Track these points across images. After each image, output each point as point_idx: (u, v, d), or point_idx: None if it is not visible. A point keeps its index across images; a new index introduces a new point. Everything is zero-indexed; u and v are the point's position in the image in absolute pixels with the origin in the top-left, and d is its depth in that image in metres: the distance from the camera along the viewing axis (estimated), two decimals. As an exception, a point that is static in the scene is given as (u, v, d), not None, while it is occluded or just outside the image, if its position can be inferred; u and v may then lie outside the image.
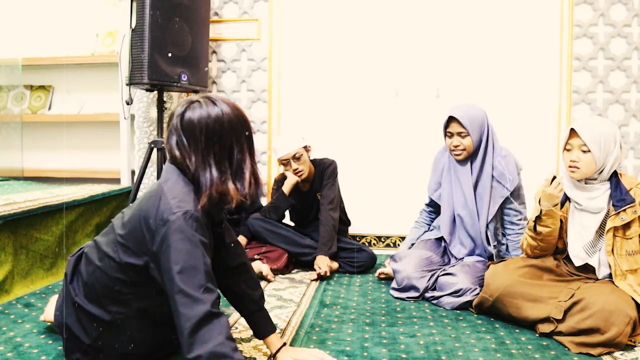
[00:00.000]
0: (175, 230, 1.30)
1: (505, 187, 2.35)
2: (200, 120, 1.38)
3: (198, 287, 1.27)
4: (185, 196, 1.36)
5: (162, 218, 1.32)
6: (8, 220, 2.20)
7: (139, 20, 2.68)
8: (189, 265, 1.28)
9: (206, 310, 1.24)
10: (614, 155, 1.88)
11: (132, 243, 1.40)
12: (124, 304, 1.44)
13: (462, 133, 2.35)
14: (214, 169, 1.38)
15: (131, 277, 1.41)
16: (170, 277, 1.28)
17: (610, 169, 1.90)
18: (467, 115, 2.34)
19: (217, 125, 1.38)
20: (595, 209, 1.92)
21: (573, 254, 1.96)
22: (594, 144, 1.86)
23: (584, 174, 1.90)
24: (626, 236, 1.86)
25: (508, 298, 1.95)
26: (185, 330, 1.23)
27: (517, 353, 1.71)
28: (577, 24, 3.12)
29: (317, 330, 1.90)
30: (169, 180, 1.41)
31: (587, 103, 3.14)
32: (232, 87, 3.45)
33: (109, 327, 1.46)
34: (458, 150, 2.39)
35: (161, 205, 1.34)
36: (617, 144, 1.88)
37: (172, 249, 1.29)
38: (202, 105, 1.40)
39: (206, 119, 1.38)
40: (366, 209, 3.31)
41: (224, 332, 1.25)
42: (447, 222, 2.47)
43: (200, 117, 1.38)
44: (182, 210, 1.32)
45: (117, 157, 3.48)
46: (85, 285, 1.48)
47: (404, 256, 2.42)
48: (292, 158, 2.74)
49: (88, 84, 3.73)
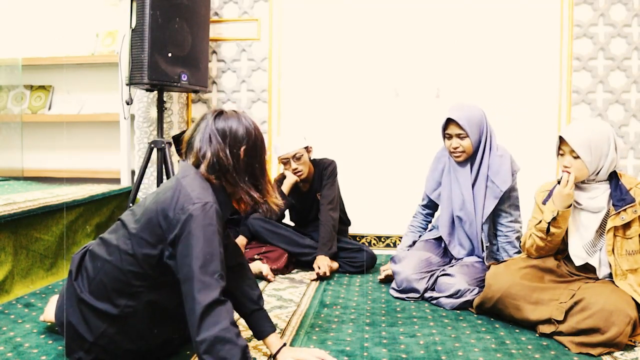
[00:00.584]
0: (195, 218, 1.36)
1: (499, 187, 2.33)
2: (234, 130, 1.50)
3: (213, 274, 1.35)
4: (203, 190, 1.44)
5: (182, 208, 1.38)
6: (8, 220, 2.20)
7: (139, 20, 2.68)
8: (207, 252, 1.35)
9: (215, 297, 1.32)
10: (609, 157, 1.88)
11: (148, 234, 1.44)
12: (134, 297, 1.47)
13: (461, 135, 2.34)
14: (247, 177, 1.51)
15: (144, 269, 1.45)
16: (189, 263, 1.35)
17: (608, 170, 1.90)
18: (466, 116, 2.33)
19: (248, 137, 1.52)
20: (595, 208, 1.92)
21: (573, 253, 1.96)
22: (583, 150, 1.87)
23: (578, 179, 1.92)
24: (626, 236, 1.87)
25: (509, 299, 1.94)
26: (195, 314, 1.30)
27: (517, 353, 1.71)
28: (577, 24, 3.12)
29: (317, 330, 1.90)
30: (187, 176, 1.47)
31: (587, 103, 3.14)
32: (232, 87, 3.45)
33: (115, 322, 1.48)
34: (457, 152, 2.37)
35: (181, 197, 1.41)
36: (610, 145, 1.88)
37: (193, 237, 1.35)
38: (233, 117, 1.53)
39: (241, 129, 1.51)
40: (366, 209, 3.31)
41: (229, 317, 1.32)
42: (446, 223, 2.47)
43: (233, 127, 1.51)
44: (202, 202, 1.39)
45: (117, 157, 3.48)
46: (91, 281, 1.50)
47: (404, 258, 2.41)
48: (292, 158, 2.74)
49: (88, 84, 3.73)
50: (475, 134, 2.34)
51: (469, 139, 2.33)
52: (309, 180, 2.87)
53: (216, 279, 1.34)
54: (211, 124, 1.50)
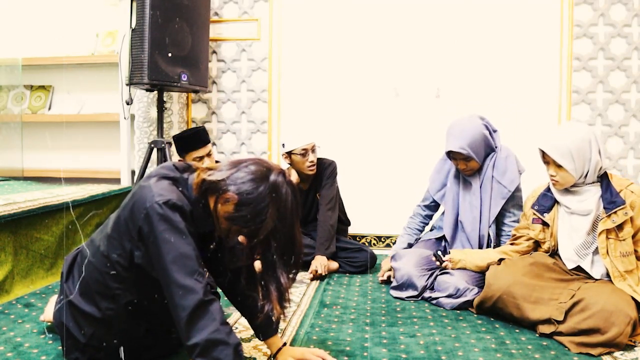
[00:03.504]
0: (159, 220, 1.31)
1: (506, 187, 2.35)
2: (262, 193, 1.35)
3: (191, 274, 1.30)
4: (168, 187, 1.38)
5: (144, 207, 1.33)
6: (8, 220, 2.19)
7: (139, 20, 2.68)
8: (179, 254, 1.30)
9: (199, 298, 1.28)
10: (592, 161, 1.88)
11: (117, 235, 1.42)
12: (113, 299, 1.45)
13: (467, 158, 2.35)
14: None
15: (119, 271, 1.42)
16: (163, 268, 1.30)
17: (595, 172, 1.91)
18: (469, 143, 2.30)
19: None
20: (584, 211, 1.92)
21: (565, 257, 1.97)
22: (564, 160, 1.88)
23: (564, 185, 1.94)
24: (619, 238, 1.86)
25: (509, 298, 1.94)
26: (182, 320, 1.27)
27: (517, 353, 1.71)
28: (577, 24, 3.12)
29: (317, 330, 1.90)
30: (156, 175, 1.42)
31: (587, 103, 3.14)
32: (232, 87, 3.45)
33: (101, 325, 1.46)
34: (466, 172, 2.40)
35: (143, 195, 1.35)
36: (592, 149, 1.88)
37: (161, 240, 1.30)
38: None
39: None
40: (366, 209, 3.31)
41: (218, 318, 1.29)
42: (450, 225, 2.47)
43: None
44: (163, 199, 1.33)
45: (117, 157, 3.48)
46: (80, 283, 1.50)
47: (404, 255, 2.42)
48: (311, 149, 2.72)
49: (88, 84, 3.73)
50: (480, 152, 2.35)
51: (474, 160, 2.34)
52: (309, 180, 2.87)
53: (196, 279, 1.29)
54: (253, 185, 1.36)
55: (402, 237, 2.65)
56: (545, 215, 2.02)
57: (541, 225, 2.05)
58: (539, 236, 2.06)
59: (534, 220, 2.08)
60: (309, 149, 2.72)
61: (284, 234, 1.37)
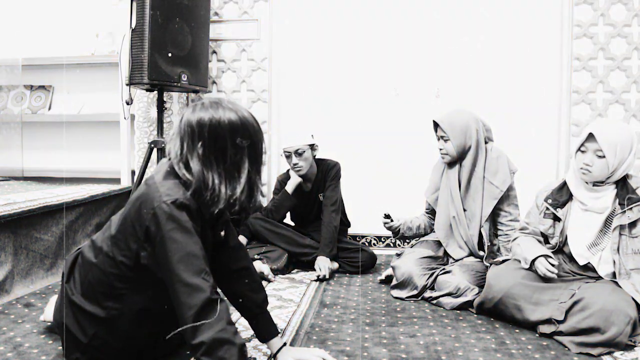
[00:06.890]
0: (167, 219, 1.31)
1: (498, 187, 2.35)
2: (199, 121, 1.38)
3: (198, 273, 1.30)
4: (174, 186, 1.38)
5: (151, 207, 1.33)
6: (8, 220, 2.20)
7: (139, 20, 2.68)
8: (186, 253, 1.30)
9: (206, 297, 1.28)
10: (627, 162, 1.88)
11: (122, 236, 1.42)
12: (119, 299, 1.45)
13: (444, 137, 2.40)
14: (205, 169, 1.37)
15: (124, 272, 1.42)
16: (170, 268, 1.30)
17: (621, 174, 1.90)
18: (449, 121, 2.38)
19: (213, 129, 1.37)
20: (600, 208, 1.92)
21: (576, 253, 1.96)
22: (610, 151, 1.86)
23: (595, 178, 1.91)
24: (632, 234, 1.87)
25: (510, 300, 1.94)
26: (188, 319, 1.27)
27: (517, 353, 1.71)
28: (577, 24, 3.12)
29: (317, 330, 1.90)
30: (159, 172, 1.43)
31: (587, 103, 3.14)
32: (232, 87, 3.45)
33: (104, 325, 1.46)
34: (442, 154, 2.44)
35: (150, 195, 1.36)
36: (632, 151, 1.88)
37: (168, 240, 1.31)
38: (205, 108, 1.40)
39: (204, 120, 1.38)
40: (366, 209, 3.30)
41: (225, 317, 1.29)
42: (443, 226, 2.47)
43: (200, 118, 1.38)
44: (171, 199, 1.33)
45: (117, 157, 3.48)
46: (82, 284, 1.50)
47: (405, 254, 2.44)
48: (294, 152, 2.74)
49: (88, 84, 3.73)
50: (458, 137, 2.37)
51: (450, 142, 2.38)
52: (312, 180, 2.87)
53: (203, 278, 1.30)
54: (178, 119, 1.43)
55: (415, 218, 2.65)
56: (558, 211, 2.02)
57: (552, 220, 2.05)
58: (549, 231, 2.05)
59: (545, 214, 2.07)
60: (291, 152, 2.73)
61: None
